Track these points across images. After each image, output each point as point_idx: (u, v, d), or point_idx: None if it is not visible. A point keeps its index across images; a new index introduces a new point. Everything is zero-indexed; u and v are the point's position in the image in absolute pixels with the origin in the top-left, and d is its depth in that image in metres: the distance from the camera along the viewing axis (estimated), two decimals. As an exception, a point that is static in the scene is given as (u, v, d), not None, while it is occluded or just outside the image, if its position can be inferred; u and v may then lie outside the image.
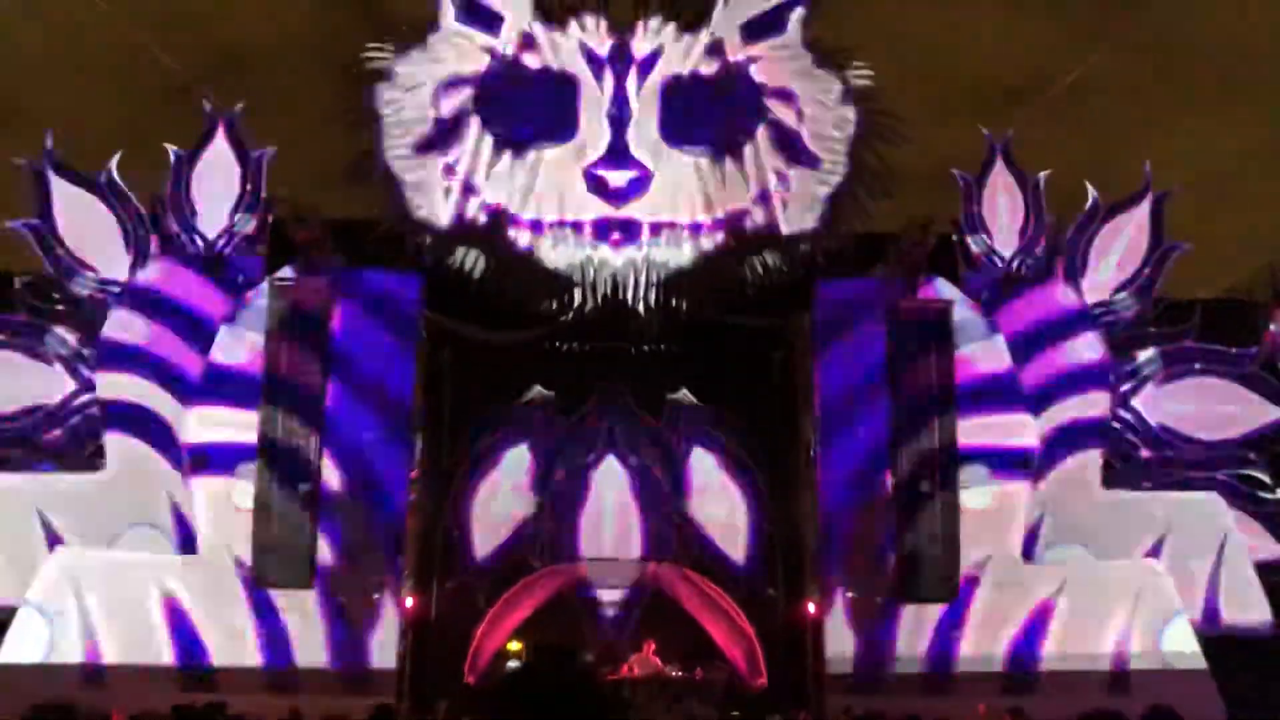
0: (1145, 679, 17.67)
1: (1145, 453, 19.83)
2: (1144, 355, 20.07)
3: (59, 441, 18.87)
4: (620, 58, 19.17)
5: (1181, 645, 18.29)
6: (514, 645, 21.14)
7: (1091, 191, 20.46)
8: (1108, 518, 19.20)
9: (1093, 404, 19.42)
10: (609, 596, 20.89)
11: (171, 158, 19.67)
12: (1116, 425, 19.72)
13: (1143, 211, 20.50)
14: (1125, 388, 19.86)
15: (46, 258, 19.24)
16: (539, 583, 20.83)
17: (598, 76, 19.12)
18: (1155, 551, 19.19)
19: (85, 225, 19.37)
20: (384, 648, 18.11)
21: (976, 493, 18.54)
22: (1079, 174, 21.17)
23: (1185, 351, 20.18)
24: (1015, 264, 20.09)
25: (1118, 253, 20.25)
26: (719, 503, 21.11)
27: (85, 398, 18.85)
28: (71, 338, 19.03)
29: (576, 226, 18.94)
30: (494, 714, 2.93)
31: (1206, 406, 19.96)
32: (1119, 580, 18.78)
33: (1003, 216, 20.22)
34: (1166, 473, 19.77)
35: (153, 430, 18.50)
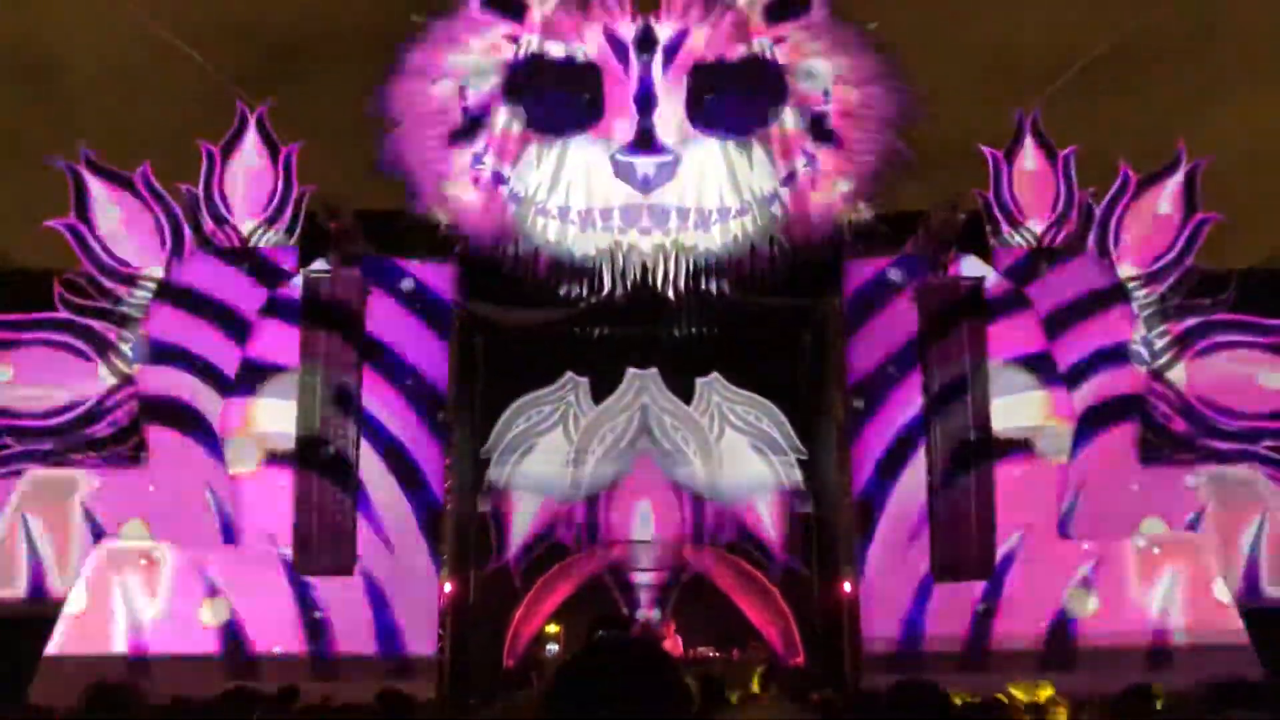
0: (1186, 653, 17.60)
1: (1181, 426, 19.65)
2: (1179, 327, 19.87)
3: (101, 436, 19.22)
4: (645, 42, 19.17)
5: (1223, 619, 18.17)
6: (552, 628, 21.35)
7: (1122, 164, 20.28)
8: (1144, 492, 19.09)
9: (1127, 378, 19.27)
10: (644, 579, 21.05)
11: (204, 154, 19.91)
12: (1152, 399, 19.56)
13: (1175, 183, 20.28)
14: (1160, 361, 19.68)
15: (85, 256, 19.55)
16: (575, 566, 21.00)
17: (623, 62, 19.14)
18: (1194, 525, 19.08)
19: (122, 223, 19.67)
20: (423, 633, 18.37)
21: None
22: (1117, 147, 20.95)
23: (1221, 323, 19.95)
24: (1046, 239, 19.95)
25: (1150, 225, 20.05)
26: (752, 484, 21.17)
27: (126, 393, 19.17)
28: (111, 334, 19.34)
29: (605, 213, 19.00)
30: (581, 685, 2.87)
31: (1243, 378, 19.75)
32: (1158, 555, 18.67)
33: (1033, 191, 20.07)
34: (1203, 446, 19.59)
35: (192, 423, 18.81)
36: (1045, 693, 14.56)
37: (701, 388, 21.57)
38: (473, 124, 19.12)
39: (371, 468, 18.66)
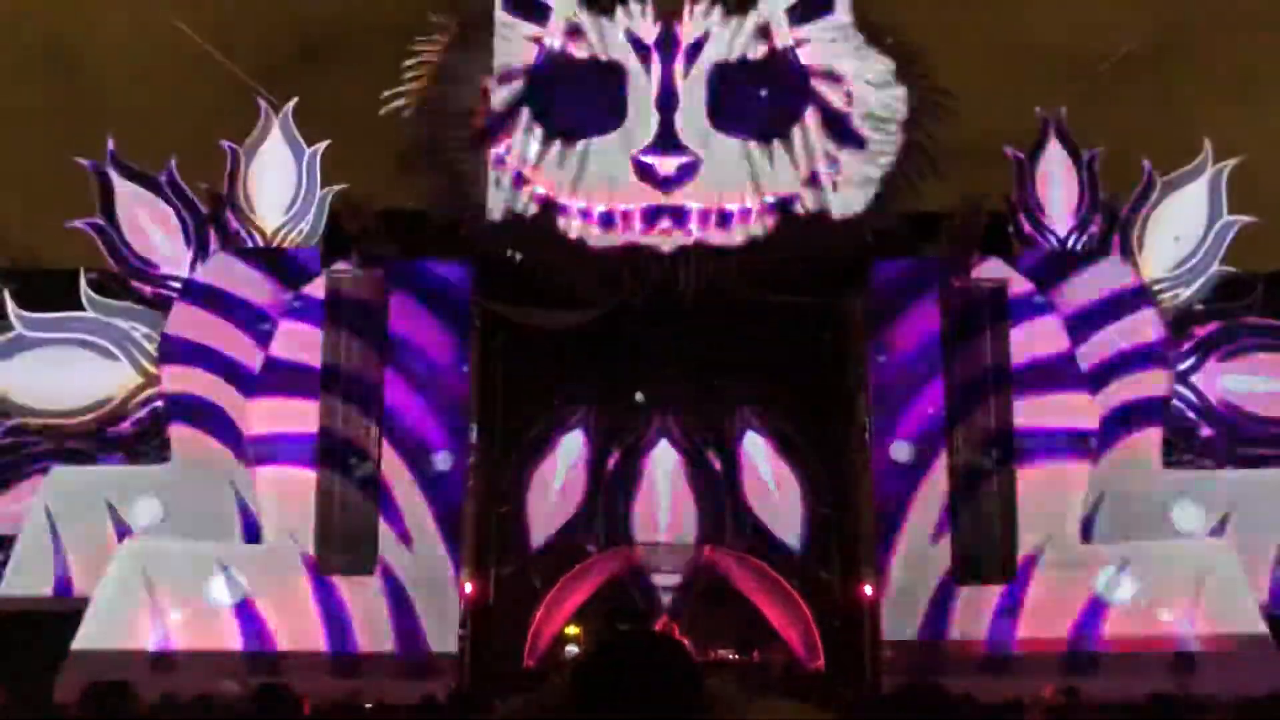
0: (1210, 660, 17.43)
1: (1206, 430, 19.49)
2: (1204, 331, 19.70)
3: (126, 435, 19.35)
4: (667, 44, 19.19)
5: (1248, 626, 18.00)
6: (572, 629, 21.35)
7: (1147, 166, 20.13)
8: (1169, 497, 18.92)
9: (1151, 382, 19.11)
10: (664, 580, 21.01)
11: (228, 154, 20.02)
12: (1176, 403, 19.40)
13: (1201, 185, 20.13)
14: (1185, 365, 19.53)
15: (111, 255, 19.69)
16: (594, 567, 20.99)
17: (645, 64, 19.15)
18: (1219, 530, 18.90)
19: (147, 223, 19.81)
20: (444, 633, 18.40)
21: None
22: (1142, 148, 20.77)
23: (1247, 326, 19.77)
24: (1070, 241, 19.82)
25: (1176, 228, 19.90)
26: (773, 486, 21.10)
27: (150, 392, 19.30)
28: (136, 333, 19.47)
29: (626, 214, 19.00)
30: (601, 681, 2.88)
31: (1269, 382, 19.58)
32: (1182, 560, 18.51)
33: (1057, 193, 19.96)
34: (1229, 450, 19.42)
35: (216, 422, 18.90)
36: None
37: (721, 388, 21.50)
38: (496, 125, 19.16)
39: (393, 467, 18.71)
